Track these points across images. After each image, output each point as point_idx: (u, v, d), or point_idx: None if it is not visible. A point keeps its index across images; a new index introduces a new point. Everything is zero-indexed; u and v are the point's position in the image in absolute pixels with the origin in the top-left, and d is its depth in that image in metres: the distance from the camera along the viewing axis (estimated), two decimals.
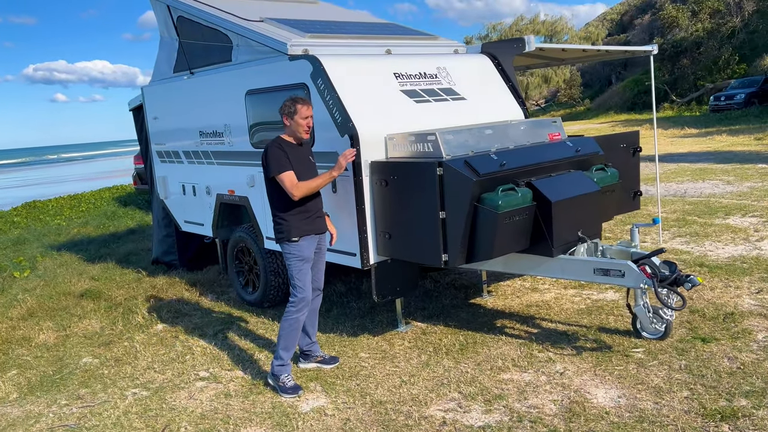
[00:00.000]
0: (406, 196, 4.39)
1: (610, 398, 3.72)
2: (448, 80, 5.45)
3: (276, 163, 4.14)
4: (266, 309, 6.03)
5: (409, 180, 4.35)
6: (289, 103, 4.17)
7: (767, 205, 8.67)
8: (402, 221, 4.48)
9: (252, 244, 5.99)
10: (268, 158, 4.17)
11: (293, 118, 4.17)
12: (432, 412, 3.79)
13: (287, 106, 4.18)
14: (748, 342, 4.28)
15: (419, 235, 4.37)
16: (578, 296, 5.62)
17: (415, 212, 4.36)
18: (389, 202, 4.53)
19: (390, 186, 4.49)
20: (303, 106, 4.17)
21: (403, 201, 4.43)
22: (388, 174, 4.49)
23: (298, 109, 4.16)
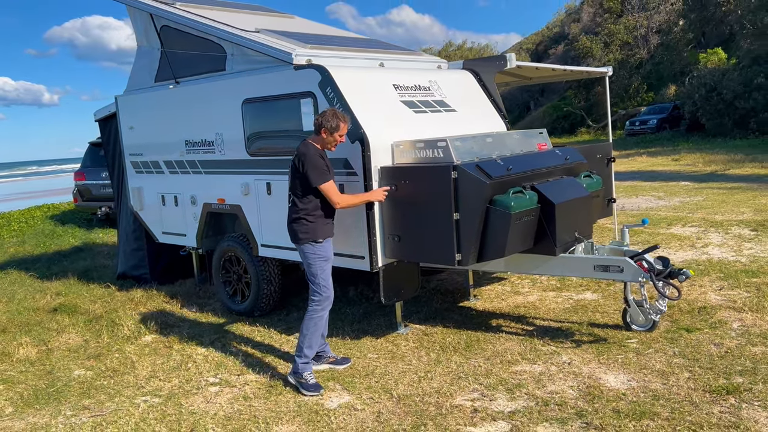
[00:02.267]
0: (419, 199, 4.60)
1: (621, 382, 4.04)
2: (440, 93, 5.73)
3: (320, 172, 4.29)
4: (256, 318, 6.03)
5: (422, 183, 4.56)
6: (332, 118, 4.31)
7: (702, 217, 9.47)
8: (413, 224, 4.68)
9: (242, 253, 6.00)
10: (311, 165, 4.28)
11: (332, 133, 4.33)
12: (459, 402, 3.98)
13: (329, 120, 4.30)
14: (726, 330, 4.74)
15: (432, 236, 4.58)
16: (559, 297, 5.98)
17: (427, 214, 4.57)
18: (399, 206, 4.72)
19: (400, 190, 4.68)
20: (345, 125, 4.36)
21: (414, 204, 4.63)
22: (400, 178, 4.69)
23: (341, 127, 4.34)
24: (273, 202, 5.55)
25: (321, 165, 4.30)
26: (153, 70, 6.66)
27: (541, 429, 3.54)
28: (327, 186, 4.31)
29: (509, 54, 6.11)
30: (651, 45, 37.81)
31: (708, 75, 23.74)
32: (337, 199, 4.36)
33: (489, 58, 6.28)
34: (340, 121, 4.35)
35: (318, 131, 4.38)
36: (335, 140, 4.39)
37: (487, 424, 3.65)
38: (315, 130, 4.41)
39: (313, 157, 4.30)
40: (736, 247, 7.43)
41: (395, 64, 5.92)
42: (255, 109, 5.56)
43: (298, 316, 6.00)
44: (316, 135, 4.41)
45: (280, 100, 5.32)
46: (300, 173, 4.33)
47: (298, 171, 4.34)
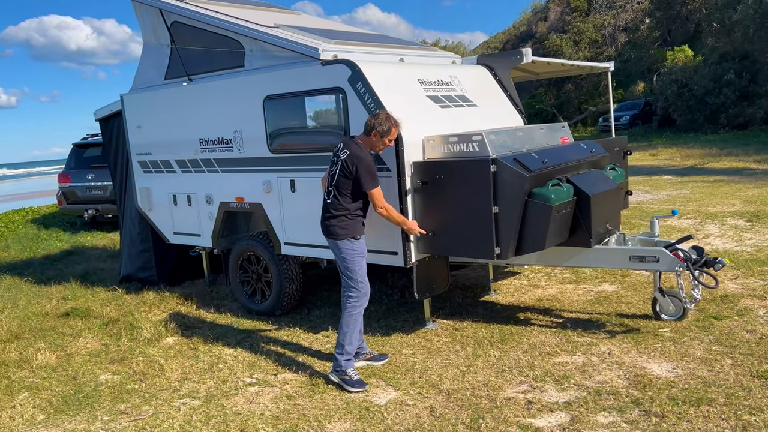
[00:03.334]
0: (455, 194, 4.60)
1: (666, 370, 4.11)
2: (461, 88, 5.75)
3: (373, 177, 4.30)
4: (278, 317, 5.96)
5: (459, 178, 4.56)
6: (385, 121, 4.28)
7: (696, 209, 9.70)
8: (449, 219, 4.68)
9: (263, 252, 5.92)
10: (365, 170, 4.25)
11: (383, 137, 4.31)
12: (510, 394, 3.99)
13: (383, 123, 4.27)
14: (754, 317, 4.86)
15: (469, 231, 4.59)
16: (579, 290, 6.06)
17: (465, 209, 4.57)
18: (434, 201, 4.72)
19: (436, 185, 4.68)
20: (396, 129, 4.34)
21: (450, 199, 4.63)
22: (435, 173, 4.68)
23: (392, 132, 4.31)
24: (297, 199, 5.49)
25: (374, 170, 4.31)
26: (162, 68, 6.52)
27: (601, 418, 3.58)
28: (377, 192, 4.31)
29: (525, 49, 6.16)
30: (618, 43, 38.56)
31: (679, 72, 24.33)
32: (382, 206, 4.35)
33: (505, 53, 6.32)
34: (393, 126, 4.33)
35: (369, 132, 4.35)
36: (384, 144, 4.38)
37: (545, 415, 3.68)
38: (366, 130, 4.38)
39: (369, 162, 4.29)
40: (737, 238, 7.62)
41: (414, 60, 5.92)
42: (278, 105, 5.49)
43: (321, 314, 5.96)
44: (365, 136, 4.38)
45: (306, 97, 5.26)
46: (353, 174, 4.29)
47: (350, 172, 4.29)
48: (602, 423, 3.51)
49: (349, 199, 4.33)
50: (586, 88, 37.00)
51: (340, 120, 5.05)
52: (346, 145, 4.37)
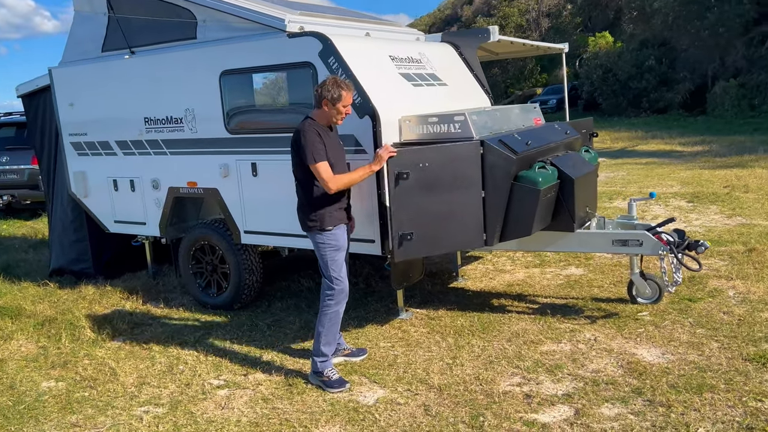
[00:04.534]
0: (440, 178, 4.34)
1: (656, 356, 4.05)
2: (431, 66, 5.48)
3: (314, 149, 3.82)
4: (237, 311, 5.55)
5: (444, 160, 4.30)
6: (333, 87, 3.84)
7: (637, 190, 9.93)
8: (432, 206, 4.41)
9: (220, 241, 5.47)
10: (305, 143, 3.83)
11: (335, 104, 3.86)
12: (506, 388, 3.81)
13: (330, 90, 3.83)
14: (726, 299, 4.90)
15: (455, 218, 4.33)
16: (546, 274, 5.98)
17: (450, 194, 4.32)
18: (416, 186, 4.44)
19: (418, 169, 4.40)
20: (348, 93, 3.89)
21: (435, 183, 4.37)
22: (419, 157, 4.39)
23: (343, 96, 3.86)
24: (259, 184, 5.08)
25: (316, 142, 3.82)
26: (99, 39, 5.88)
27: (606, 410, 3.45)
28: (321, 166, 3.80)
29: (492, 27, 5.95)
30: (542, 28, 39.42)
31: (604, 57, 25.07)
32: (330, 183, 3.83)
33: (470, 31, 6.11)
34: (343, 90, 3.86)
35: (319, 103, 3.90)
36: (339, 112, 3.90)
37: (547, 410, 3.51)
38: (315, 102, 3.93)
39: (309, 134, 3.84)
40: (685, 219, 7.80)
41: (380, 35, 5.59)
42: (237, 81, 5.03)
43: (283, 306, 5.59)
44: (317, 108, 3.93)
45: (270, 72, 4.84)
46: (296, 154, 3.90)
47: (296, 152, 3.90)
48: (608, 415, 3.39)
49: (308, 185, 3.93)
50: (512, 71, 37.63)
51: (310, 97, 4.66)
52: (298, 125, 3.97)
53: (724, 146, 14.91)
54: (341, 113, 3.92)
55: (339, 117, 3.94)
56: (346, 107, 3.91)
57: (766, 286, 5.07)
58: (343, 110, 3.90)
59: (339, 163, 4.01)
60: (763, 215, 7.60)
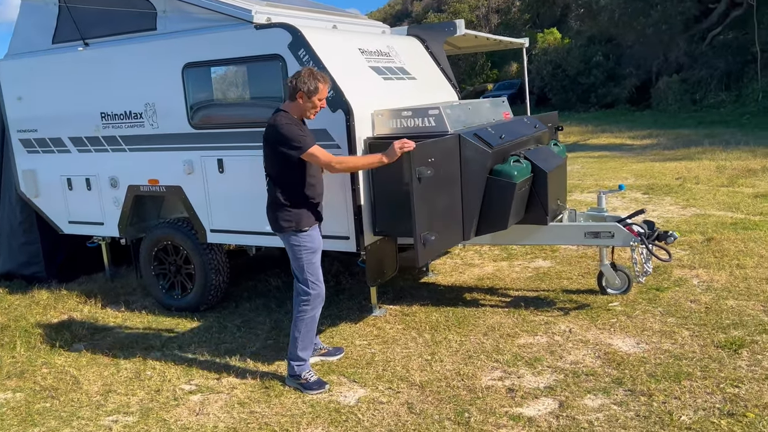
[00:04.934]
0: (445, 173, 4.26)
1: (631, 346, 4.10)
2: (399, 59, 5.41)
3: (298, 138, 3.64)
4: (203, 313, 5.37)
5: (446, 155, 4.21)
6: (309, 79, 3.66)
7: (594, 183, 10.13)
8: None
9: (184, 241, 5.28)
10: (286, 136, 3.63)
11: (311, 97, 3.69)
12: (488, 382, 3.79)
13: (306, 81, 3.65)
14: (691, 287, 5.02)
15: (451, 213, 4.26)
16: (515, 267, 6.01)
17: (429, 189, 4.26)
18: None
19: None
20: (324, 86, 3.73)
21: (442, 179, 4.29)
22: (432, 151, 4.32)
23: (320, 89, 3.69)
24: (226, 181, 4.92)
25: (295, 132, 3.64)
26: (49, 30, 5.58)
27: (589, 401, 3.47)
28: (313, 151, 3.62)
29: (458, 21, 5.94)
30: (492, 24, 39.88)
31: (554, 53, 25.53)
32: (333, 162, 3.67)
33: (437, 25, 6.08)
34: (320, 82, 3.68)
35: (293, 96, 3.71)
36: (315, 105, 3.73)
37: (531, 403, 3.51)
38: (289, 95, 3.74)
39: (287, 126, 3.64)
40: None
41: (347, 27, 5.49)
42: (201, 74, 4.86)
43: (252, 307, 5.45)
44: (290, 101, 3.75)
45: (237, 64, 4.69)
46: (271, 149, 3.71)
47: (271, 147, 3.71)
48: (592, 407, 3.40)
49: (284, 182, 3.75)
50: (463, 67, 37.94)
51: (279, 90, 4.54)
52: (269, 119, 3.78)
53: (671, 139, 15.39)
54: (316, 107, 3.77)
55: (313, 111, 3.80)
56: (322, 101, 3.77)
57: (727, 274, 5.21)
58: (318, 104, 3.76)
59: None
60: (716, 205, 7.85)
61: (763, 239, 6.10)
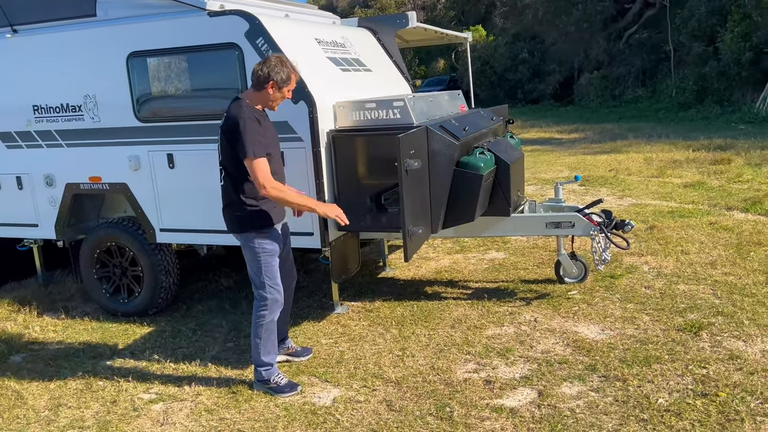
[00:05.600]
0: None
1: (597, 333, 4.18)
2: (354, 51, 5.30)
3: (254, 142, 3.37)
4: (152, 317, 5.08)
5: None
6: (280, 67, 3.44)
7: (531, 175, 10.35)
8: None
9: (131, 241, 4.97)
10: (243, 133, 3.37)
11: (281, 88, 3.49)
12: (464, 375, 3.76)
13: (278, 70, 3.43)
14: (643, 274, 5.19)
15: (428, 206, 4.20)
16: (470, 259, 6.03)
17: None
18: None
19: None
20: (295, 76, 3.54)
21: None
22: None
23: (291, 80, 3.49)
24: (177, 177, 4.67)
25: (256, 132, 3.39)
26: None
27: (566, 389, 3.50)
28: (257, 164, 3.35)
29: (411, 12, 5.89)
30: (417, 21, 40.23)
31: (482, 50, 26.03)
32: (266, 185, 3.35)
33: (388, 17, 6.00)
34: (291, 72, 3.49)
35: (262, 85, 3.46)
36: (283, 96, 3.54)
37: (511, 394, 3.50)
38: (256, 83, 3.48)
39: (248, 122, 3.39)
40: (581, 201, 8.20)
41: (299, 17, 5.32)
42: (149, 64, 4.58)
43: (205, 309, 5.21)
44: (256, 91, 3.51)
45: (188, 53, 4.44)
46: (229, 142, 3.45)
47: (228, 139, 3.45)
48: (571, 394, 3.43)
49: (241, 178, 3.50)
50: None
51: (235, 81, 4.34)
52: (227, 109, 3.54)
53: (597, 133, 16.01)
54: (283, 98, 3.59)
55: (277, 104, 3.61)
56: (290, 92, 3.59)
57: (674, 260, 5.42)
58: (287, 95, 3.58)
59: (275, 152, 3.66)
60: (650, 195, 8.19)
61: (699, 226, 6.40)
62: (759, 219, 6.52)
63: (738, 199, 7.46)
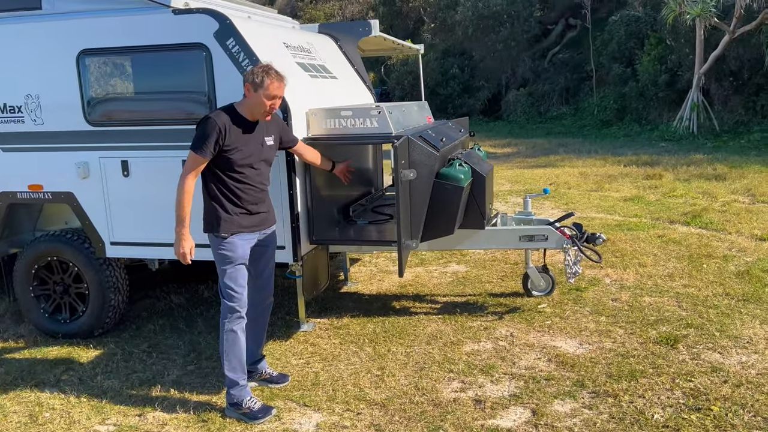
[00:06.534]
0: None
1: (575, 347, 4.15)
2: (320, 57, 5.11)
3: (200, 137, 3.31)
4: (98, 338, 4.65)
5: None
6: (259, 71, 3.34)
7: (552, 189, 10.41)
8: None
9: (75, 256, 4.54)
10: (198, 127, 3.35)
11: (257, 91, 3.33)
12: (451, 395, 3.62)
13: (256, 74, 3.33)
14: (606, 287, 5.24)
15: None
16: (432, 272, 5.92)
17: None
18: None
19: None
20: (274, 83, 3.35)
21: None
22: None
23: (267, 85, 3.32)
24: (132, 185, 4.30)
25: (209, 131, 3.27)
26: None
27: (559, 407, 3.42)
28: (191, 158, 3.31)
29: (373, 21, 5.76)
30: None
31: (413, 64, 26.25)
32: (183, 178, 3.32)
33: (351, 24, 5.85)
34: (266, 77, 3.32)
35: (244, 90, 3.40)
36: (263, 105, 3.35)
37: (504, 414, 3.39)
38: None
39: (209, 120, 3.31)
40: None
41: (262, 20, 5.07)
42: (103, 63, 4.20)
43: (156, 329, 4.83)
44: (243, 96, 3.43)
45: (148, 53, 4.11)
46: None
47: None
48: (564, 412, 3.36)
49: (207, 179, 3.43)
50: None
51: (202, 84, 4.05)
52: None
53: (529, 148, 16.41)
54: (263, 106, 3.37)
55: (260, 110, 3.40)
56: (273, 100, 3.38)
57: (634, 272, 5.52)
58: (267, 103, 3.37)
59: (258, 163, 3.48)
60: (593, 209, 8.39)
61: (649, 239, 6.58)
62: (701, 232, 6.79)
63: (677, 212, 7.75)
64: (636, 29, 20.48)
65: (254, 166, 3.46)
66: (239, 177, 3.43)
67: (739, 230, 6.71)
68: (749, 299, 4.73)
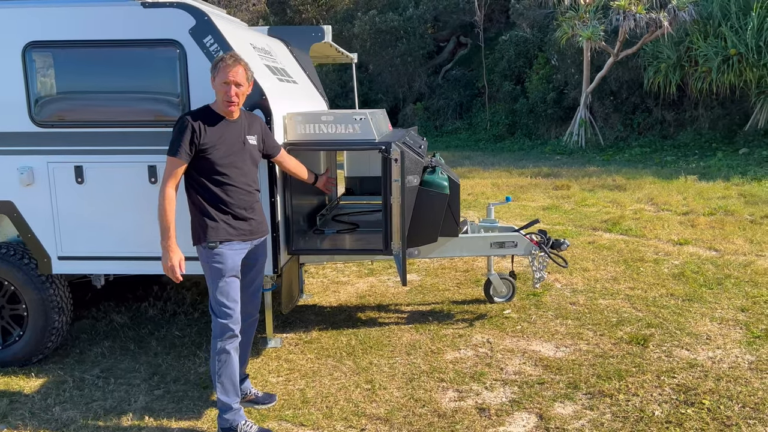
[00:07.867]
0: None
1: (552, 350, 4.24)
2: (280, 60, 4.91)
3: (175, 139, 3.13)
4: (37, 365, 4.14)
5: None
6: (217, 59, 3.17)
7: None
8: None
9: (13, 273, 4.01)
10: (174, 131, 3.16)
11: (215, 79, 3.15)
12: (451, 404, 3.56)
13: (214, 61, 3.18)
14: (561, 291, 5.43)
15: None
16: (386, 282, 5.85)
17: None
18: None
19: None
20: (229, 66, 3.12)
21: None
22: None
23: (221, 68, 3.12)
24: (87, 194, 3.88)
25: (183, 131, 3.09)
26: None
27: (561, 410, 3.47)
28: (168, 163, 3.11)
29: (326, 27, 5.63)
30: None
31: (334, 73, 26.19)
32: (164, 184, 3.11)
33: (303, 28, 5.67)
34: (221, 61, 3.12)
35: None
36: (217, 90, 3.14)
37: (510, 420, 3.38)
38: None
39: (183, 122, 3.13)
40: None
41: (221, 20, 4.78)
42: (54, 58, 3.76)
43: (104, 352, 4.41)
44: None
45: (110, 48, 3.74)
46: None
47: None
48: (568, 414, 3.41)
49: (188, 188, 3.24)
50: None
51: (174, 84, 3.74)
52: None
53: None
54: (219, 93, 3.16)
55: (219, 98, 3.18)
56: (227, 85, 3.12)
57: (580, 277, 5.77)
58: (221, 89, 3.14)
59: (239, 164, 3.25)
60: (518, 218, 8.70)
61: (581, 245, 6.91)
62: (625, 238, 7.24)
63: (596, 220, 8.22)
64: (525, 49, 21.69)
65: (237, 166, 3.24)
66: (222, 179, 3.20)
67: (657, 236, 7.22)
68: (692, 299, 5.08)
